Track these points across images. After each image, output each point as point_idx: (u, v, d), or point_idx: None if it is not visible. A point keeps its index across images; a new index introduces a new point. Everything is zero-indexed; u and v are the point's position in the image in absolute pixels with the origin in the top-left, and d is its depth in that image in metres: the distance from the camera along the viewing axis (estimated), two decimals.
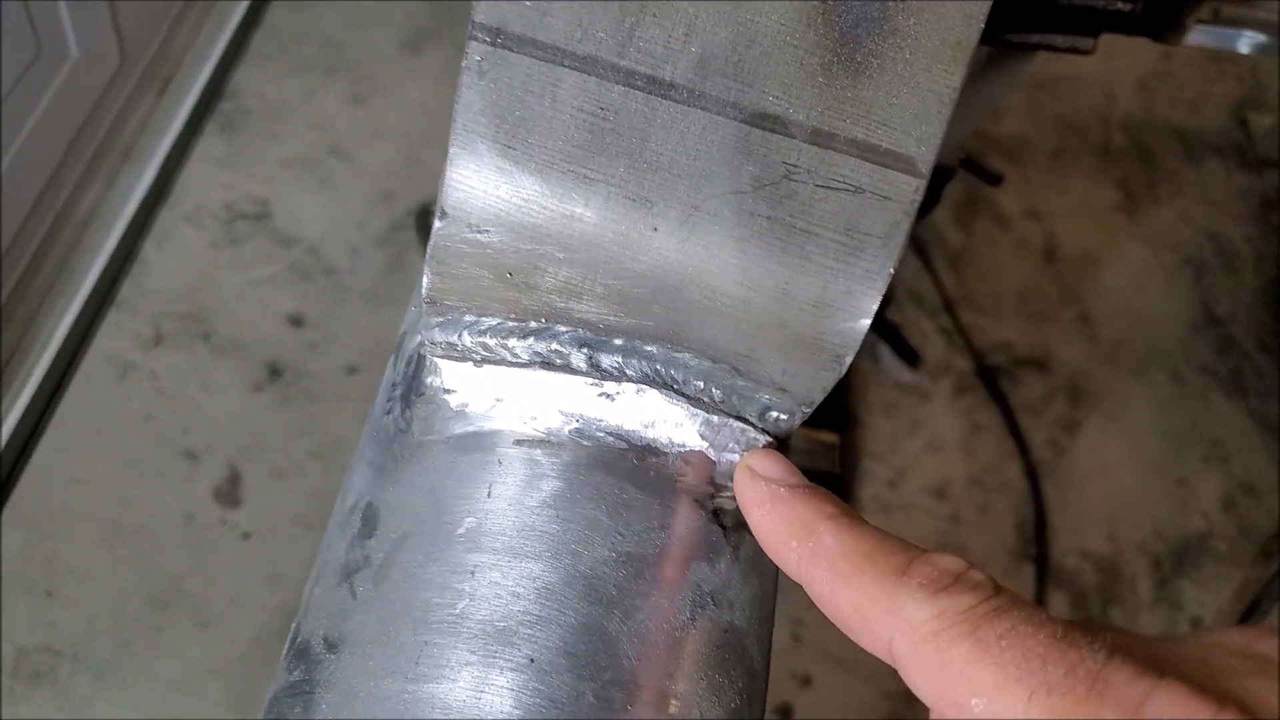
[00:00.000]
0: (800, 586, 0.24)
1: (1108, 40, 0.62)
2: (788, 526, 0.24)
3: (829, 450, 1.09)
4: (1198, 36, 0.63)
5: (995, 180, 1.13)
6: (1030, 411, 1.24)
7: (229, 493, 1.05)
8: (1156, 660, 0.20)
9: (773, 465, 0.25)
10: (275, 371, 1.12)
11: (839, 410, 1.17)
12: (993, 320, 1.29)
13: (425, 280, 0.25)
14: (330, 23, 1.37)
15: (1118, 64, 1.50)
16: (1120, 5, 0.60)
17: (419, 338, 0.27)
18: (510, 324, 0.26)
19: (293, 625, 0.26)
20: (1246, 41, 0.62)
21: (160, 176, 1.18)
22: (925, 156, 0.24)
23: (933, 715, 0.22)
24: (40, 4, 0.96)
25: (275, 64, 1.32)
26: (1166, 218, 1.40)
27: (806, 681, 1.03)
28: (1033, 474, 1.19)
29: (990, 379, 1.25)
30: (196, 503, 1.03)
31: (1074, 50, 0.62)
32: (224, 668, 0.96)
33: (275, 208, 1.22)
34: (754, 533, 0.25)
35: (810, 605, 0.23)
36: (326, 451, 1.08)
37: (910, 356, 1.23)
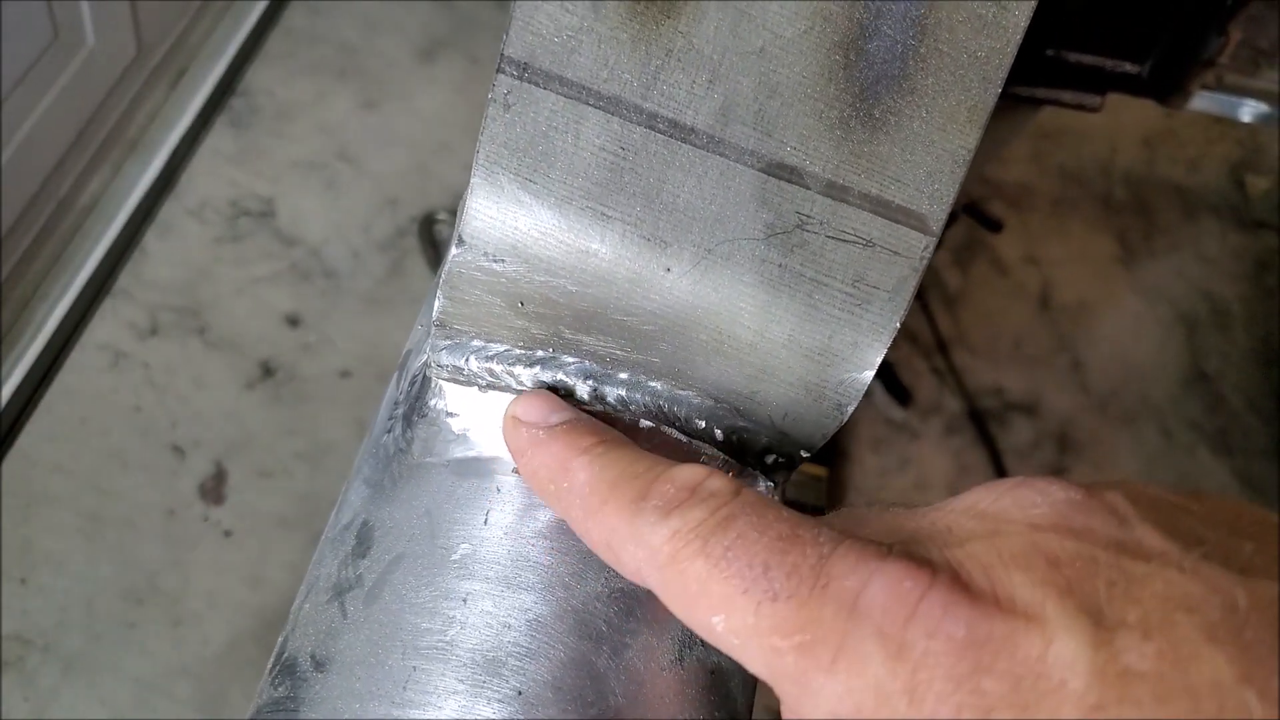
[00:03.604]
0: None
1: (1115, 96, 0.63)
2: (547, 469, 0.23)
3: (816, 483, 1.10)
4: (1201, 102, 0.64)
5: (996, 227, 1.14)
6: (1018, 456, 1.24)
7: (213, 489, 1.04)
8: (895, 539, 0.19)
9: (533, 408, 0.24)
10: (268, 370, 1.12)
11: (829, 444, 1.18)
12: (986, 363, 1.30)
13: (437, 304, 0.25)
14: (346, 27, 1.38)
15: (1122, 119, 1.53)
16: (1128, 67, 0.61)
17: (424, 358, 0.28)
18: (517, 352, 0.26)
19: (279, 639, 0.26)
20: (1249, 110, 0.63)
21: (167, 168, 1.19)
22: (937, 215, 0.24)
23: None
24: None
25: (289, 64, 1.33)
26: (1162, 272, 1.41)
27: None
28: None
29: (980, 421, 1.25)
30: (180, 498, 1.03)
31: (1081, 107, 0.63)
32: (195, 668, 0.95)
33: (279, 207, 1.23)
34: (525, 482, 0.24)
35: None
36: (314, 454, 1.08)
37: (902, 395, 1.23)
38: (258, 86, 1.30)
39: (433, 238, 1.23)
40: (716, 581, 0.19)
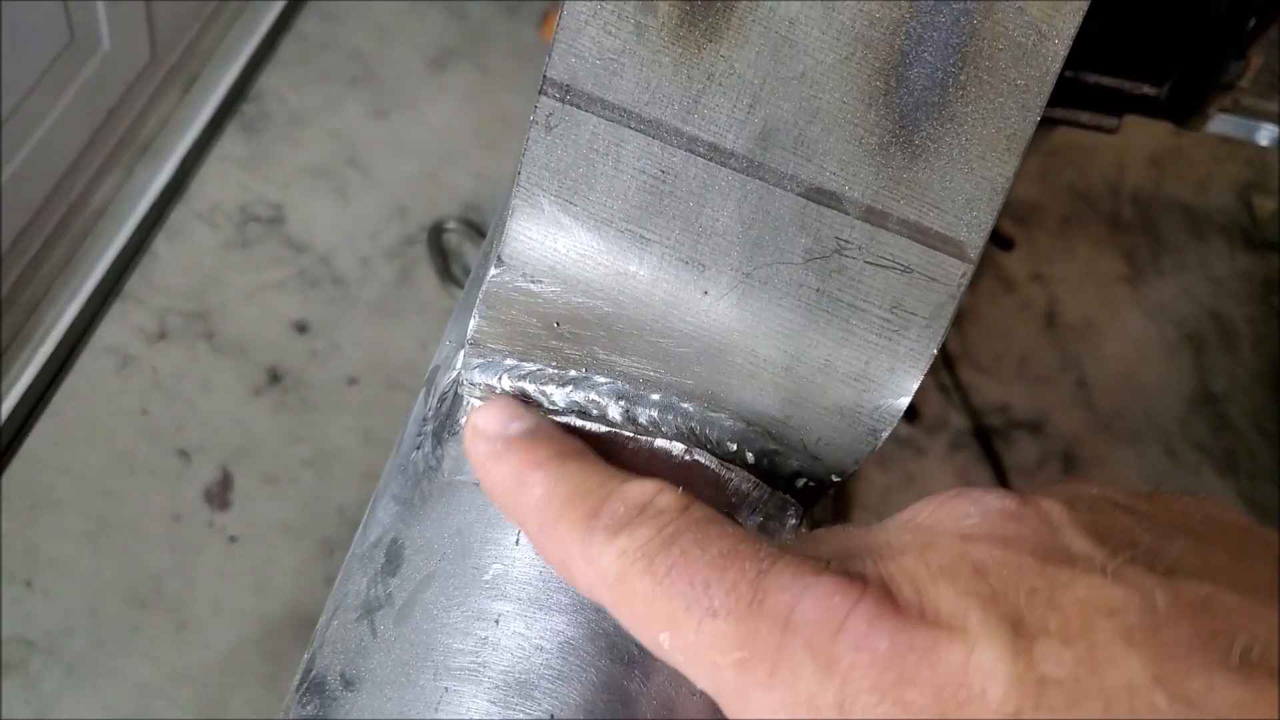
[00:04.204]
0: None
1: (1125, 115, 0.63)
2: (504, 484, 0.23)
3: (823, 500, 1.09)
4: (1219, 124, 0.64)
5: (1007, 245, 1.14)
6: (1023, 474, 1.24)
7: (219, 495, 1.04)
8: (836, 555, 0.19)
9: (491, 418, 0.24)
10: (275, 376, 1.12)
11: None
12: (992, 380, 1.30)
13: (473, 323, 0.25)
14: (358, 35, 1.38)
15: (1131, 137, 1.53)
16: (1146, 89, 0.61)
17: (454, 375, 0.28)
18: (550, 371, 0.26)
19: (305, 656, 0.26)
20: (1266, 134, 0.63)
21: (178, 173, 1.19)
22: (975, 242, 0.24)
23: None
24: None
25: (301, 70, 1.34)
26: (1169, 291, 1.41)
27: None
28: None
29: (985, 439, 1.25)
30: (185, 502, 1.03)
31: (1098, 128, 0.64)
32: (198, 673, 0.95)
33: (289, 213, 1.23)
34: (486, 495, 0.24)
35: None
36: (320, 460, 1.07)
37: (908, 411, 1.23)
38: (270, 92, 1.31)
39: (441, 246, 1.23)
40: (661, 599, 0.19)
